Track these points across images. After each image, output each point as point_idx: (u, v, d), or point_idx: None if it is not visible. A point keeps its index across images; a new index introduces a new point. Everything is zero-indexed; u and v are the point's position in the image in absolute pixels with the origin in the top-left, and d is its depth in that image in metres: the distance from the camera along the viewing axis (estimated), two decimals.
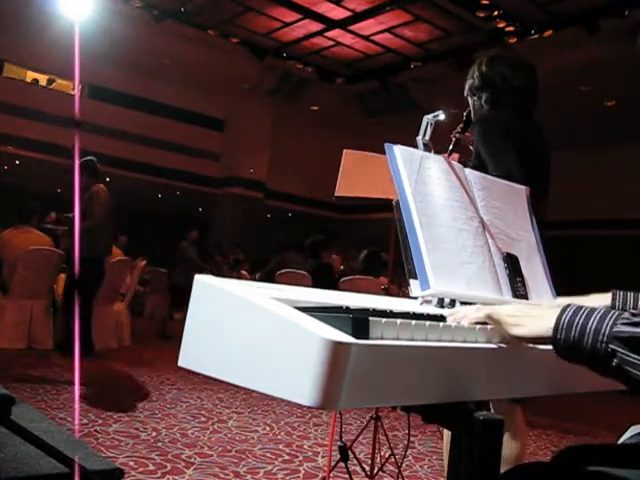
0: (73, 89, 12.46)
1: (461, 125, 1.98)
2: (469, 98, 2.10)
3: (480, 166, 1.86)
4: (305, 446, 3.22)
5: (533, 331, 0.87)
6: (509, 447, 1.78)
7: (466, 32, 9.59)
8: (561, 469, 0.95)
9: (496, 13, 8.95)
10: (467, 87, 2.10)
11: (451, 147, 1.91)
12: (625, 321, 0.79)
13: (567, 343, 0.82)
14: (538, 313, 0.89)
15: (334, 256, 8.93)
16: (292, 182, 14.78)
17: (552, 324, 0.83)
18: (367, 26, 10.02)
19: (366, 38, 10.49)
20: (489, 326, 0.91)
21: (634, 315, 0.80)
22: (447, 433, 1.84)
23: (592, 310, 0.82)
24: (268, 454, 3.00)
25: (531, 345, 0.90)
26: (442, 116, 1.28)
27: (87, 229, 5.03)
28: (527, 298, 1.18)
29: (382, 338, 0.76)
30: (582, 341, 0.80)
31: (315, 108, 13.61)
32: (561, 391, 1.04)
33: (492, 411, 1.82)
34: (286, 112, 13.54)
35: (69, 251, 5.56)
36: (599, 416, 5.11)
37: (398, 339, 0.78)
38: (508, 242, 1.22)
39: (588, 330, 0.80)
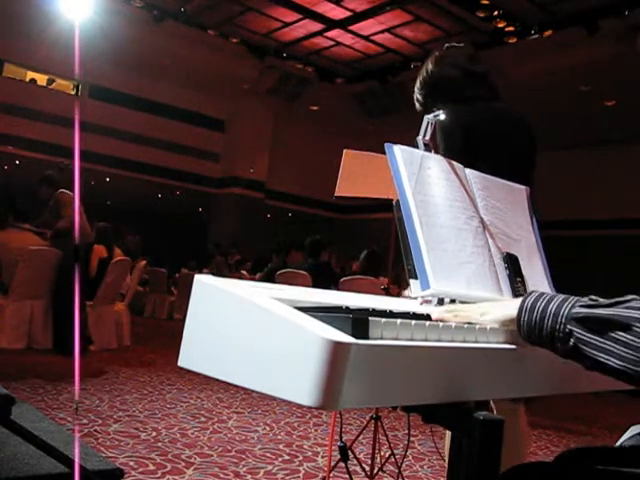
0: (73, 89, 12.47)
1: None
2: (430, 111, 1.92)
3: None
4: (305, 446, 3.22)
5: (498, 316, 0.91)
6: (511, 447, 1.77)
7: (466, 32, 9.59)
8: (562, 469, 0.95)
9: (496, 13, 8.95)
10: (420, 99, 1.93)
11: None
12: (583, 304, 0.83)
13: (529, 326, 0.86)
14: (503, 302, 0.96)
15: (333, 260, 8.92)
16: (292, 182, 14.78)
17: (516, 309, 0.88)
18: (367, 26, 10.02)
19: (366, 38, 10.49)
20: (488, 327, 0.91)
21: (592, 300, 0.83)
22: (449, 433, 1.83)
23: (554, 295, 0.87)
24: (268, 454, 3.01)
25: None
26: (442, 116, 1.28)
27: (61, 229, 5.46)
28: None
29: (382, 338, 0.76)
30: (543, 323, 0.84)
31: (315, 108, 13.61)
32: (562, 391, 1.04)
33: (494, 411, 1.82)
34: (286, 112, 13.54)
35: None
36: (599, 416, 5.12)
37: (398, 339, 0.78)
38: (508, 242, 1.21)
39: (549, 313, 0.84)
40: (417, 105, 1.97)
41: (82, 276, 5.40)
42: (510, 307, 0.90)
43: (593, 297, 0.83)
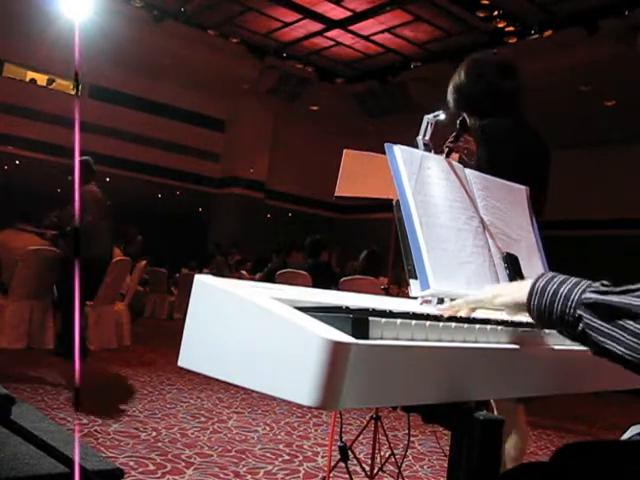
0: (73, 89, 12.46)
1: (454, 134, 1.92)
2: (464, 115, 1.95)
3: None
4: (305, 446, 3.22)
5: (511, 298, 0.92)
6: (511, 446, 1.79)
7: (466, 32, 9.59)
8: (561, 468, 0.95)
9: (496, 13, 8.94)
10: (451, 103, 1.99)
11: (444, 157, 1.87)
12: (594, 289, 0.82)
13: (539, 308, 0.86)
14: (515, 284, 0.96)
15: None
16: (292, 182, 14.78)
17: (527, 290, 0.88)
18: (367, 26, 10.01)
19: (366, 38, 10.48)
20: (489, 327, 0.91)
21: (604, 285, 0.83)
22: None
23: (566, 278, 0.86)
24: (268, 454, 3.00)
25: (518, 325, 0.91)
26: (442, 116, 1.28)
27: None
28: None
29: (382, 338, 0.76)
30: (553, 306, 0.84)
31: (315, 108, 13.61)
32: (562, 391, 1.04)
33: (494, 410, 1.82)
34: (286, 112, 13.54)
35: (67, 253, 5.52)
36: (600, 416, 5.12)
37: (398, 339, 0.78)
38: (508, 242, 1.21)
39: (559, 296, 0.84)
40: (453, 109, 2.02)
41: (82, 279, 5.29)
42: (522, 289, 0.90)
43: (605, 282, 0.83)
